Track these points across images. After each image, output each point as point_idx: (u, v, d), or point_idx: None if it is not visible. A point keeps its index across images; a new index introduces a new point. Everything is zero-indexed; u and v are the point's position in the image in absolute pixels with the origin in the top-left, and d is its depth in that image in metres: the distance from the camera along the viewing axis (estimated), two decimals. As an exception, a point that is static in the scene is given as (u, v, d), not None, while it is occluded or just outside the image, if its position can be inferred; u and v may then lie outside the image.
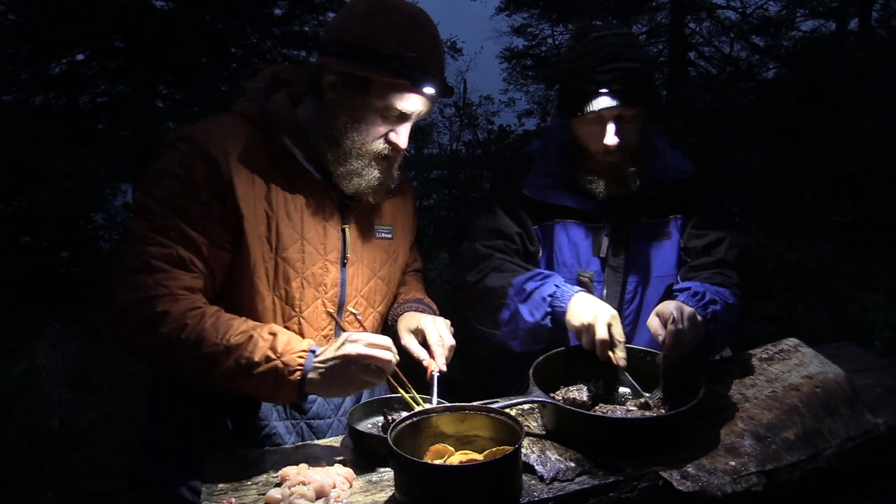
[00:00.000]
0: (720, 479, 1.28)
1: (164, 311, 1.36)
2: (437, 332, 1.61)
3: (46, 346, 4.79)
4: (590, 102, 1.71)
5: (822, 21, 11.11)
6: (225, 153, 1.46)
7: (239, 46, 10.98)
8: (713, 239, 1.87)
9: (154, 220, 1.43)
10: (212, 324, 1.37)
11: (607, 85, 1.69)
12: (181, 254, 1.42)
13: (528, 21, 12.85)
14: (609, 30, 1.77)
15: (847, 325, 4.57)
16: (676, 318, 1.51)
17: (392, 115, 1.50)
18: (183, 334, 1.35)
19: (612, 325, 1.56)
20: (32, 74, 9.79)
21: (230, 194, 1.45)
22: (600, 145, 1.76)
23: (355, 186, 1.54)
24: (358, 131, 1.51)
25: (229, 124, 1.53)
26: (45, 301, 5.66)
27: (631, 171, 1.81)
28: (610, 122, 1.73)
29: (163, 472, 1.63)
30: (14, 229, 6.18)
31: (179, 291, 1.40)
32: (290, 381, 1.35)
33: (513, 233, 1.89)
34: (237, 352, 1.35)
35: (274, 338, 1.37)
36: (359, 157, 1.52)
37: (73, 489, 3.37)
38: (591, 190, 1.82)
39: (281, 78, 1.64)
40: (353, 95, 1.49)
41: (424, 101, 1.52)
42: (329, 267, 1.59)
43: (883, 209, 6.10)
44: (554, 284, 1.71)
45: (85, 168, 6.56)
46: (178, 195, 1.43)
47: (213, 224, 1.44)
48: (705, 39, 11.51)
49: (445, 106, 9.42)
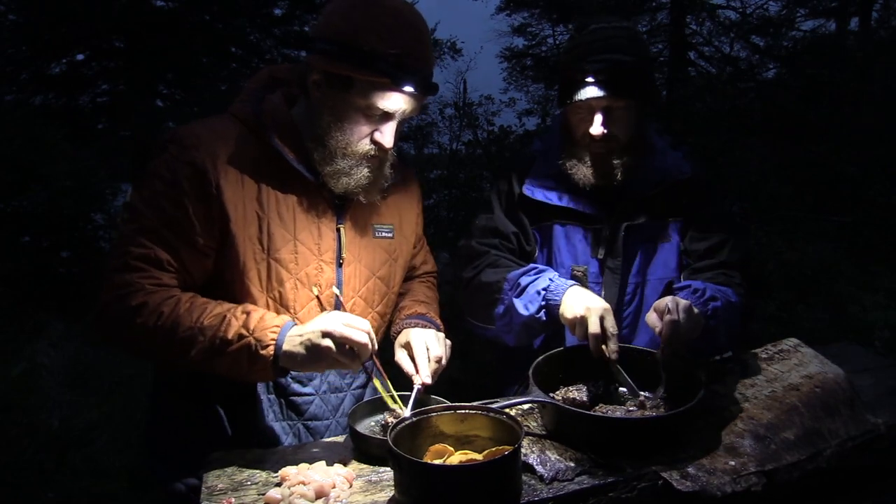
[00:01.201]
0: (720, 479, 1.28)
1: (141, 302, 1.39)
2: (422, 344, 1.60)
3: (46, 346, 4.79)
4: (578, 91, 1.72)
5: (822, 21, 11.13)
6: (213, 157, 1.46)
7: (239, 46, 10.98)
8: (716, 241, 1.87)
9: (140, 222, 1.46)
10: (186, 308, 1.40)
11: (595, 74, 1.70)
12: (159, 255, 1.44)
13: (528, 21, 12.87)
14: (608, 23, 1.78)
15: (847, 325, 4.57)
16: (672, 308, 1.52)
17: (375, 114, 1.48)
18: (160, 321, 1.38)
19: (605, 318, 1.56)
20: (32, 74, 9.79)
21: (216, 199, 1.45)
22: (587, 134, 1.77)
23: (344, 186, 1.53)
24: (342, 131, 1.49)
25: (221, 126, 1.53)
26: (45, 301, 5.66)
27: (616, 164, 1.80)
28: (598, 112, 1.74)
29: (163, 472, 1.63)
30: (14, 229, 6.18)
31: (152, 287, 1.43)
32: (264, 356, 1.35)
33: (509, 232, 1.90)
34: (211, 332, 1.37)
35: (247, 316, 1.39)
36: (345, 157, 1.51)
37: (73, 489, 3.38)
38: (573, 175, 1.82)
39: (279, 78, 1.63)
40: (336, 94, 1.47)
41: (408, 99, 1.48)
42: (323, 267, 1.58)
43: (883, 209, 6.10)
44: (548, 278, 1.71)
45: (85, 168, 6.56)
46: (162, 198, 1.45)
47: (195, 229, 1.45)
48: (705, 39, 11.51)
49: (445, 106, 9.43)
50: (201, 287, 1.52)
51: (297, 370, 1.44)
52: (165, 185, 1.45)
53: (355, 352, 1.36)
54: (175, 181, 1.45)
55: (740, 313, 1.76)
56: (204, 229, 1.46)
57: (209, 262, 1.50)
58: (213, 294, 1.51)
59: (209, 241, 1.48)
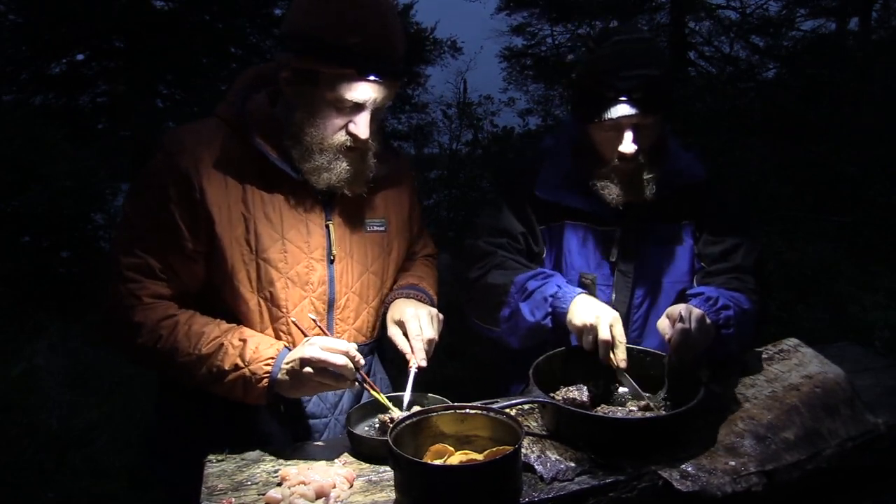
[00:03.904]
0: (720, 479, 1.28)
1: (139, 322, 1.43)
2: (417, 324, 1.59)
3: (46, 346, 4.80)
4: (608, 109, 1.65)
5: (822, 21, 11.12)
6: (196, 161, 1.47)
7: (239, 46, 10.97)
8: (730, 245, 1.83)
9: (130, 231, 1.49)
10: (184, 333, 1.43)
11: (627, 93, 1.63)
12: (150, 263, 1.47)
13: (527, 20, 12.87)
14: (630, 33, 1.72)
15: (847, 325, 4.57)
16: (685, 317, 1.51)
17: (345, 106, 1.46)
18: (158, 344, 1.43)
19: (614, 325, 1.55)
20: (32, 74, 9.79)
21: (201, 204, 1.46)
22: (616, 152, 1.71)
23: (325, 181, 1.52)
24: (315, 126, 1.48)
25: (206, 129, 1.54)
26: (45, 301, 5.66)
27: (647, 178, 1.75)
28: (628, 129, 1.68)
29: (163, 471, 1.63)
30: (14, 229, 6.18)
31: (148, 300, 1.47)
32: (259, 387, 1.41)
33: (517, 232, 1.87)
34: (208, 361, 1.42)
35: (243, 345, 1.42)
36: (322, 152, 1.49)
37: (73, 489, 3.38)
38: (604, 196, 1.77)
39: (264, 76, 1.61)
40: (305, 90, 1.47)
41: (378, 87, 1.46)
42: (314, 265, 1.57)
43: (883, 209, 6.10)
44: (556, 285, 1.69)
45: (85, 168, 6.56)
46: (149, 205, 1.48)
47: (182, 234, 1.47)
48: (705, 39, 11.52)
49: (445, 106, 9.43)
50: (196, 294, 1.53)
51: (288, 396, 1.47)
52: (151, 192, 1.48)
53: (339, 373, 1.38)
54: (160, 187, 1.46)
55: (753, 321, 1.73)
56: (191, 234, 1.47)
57: (199, 268, 1.51)
58: (208, 299, 1.53)
59: (197, 246, 1.48)
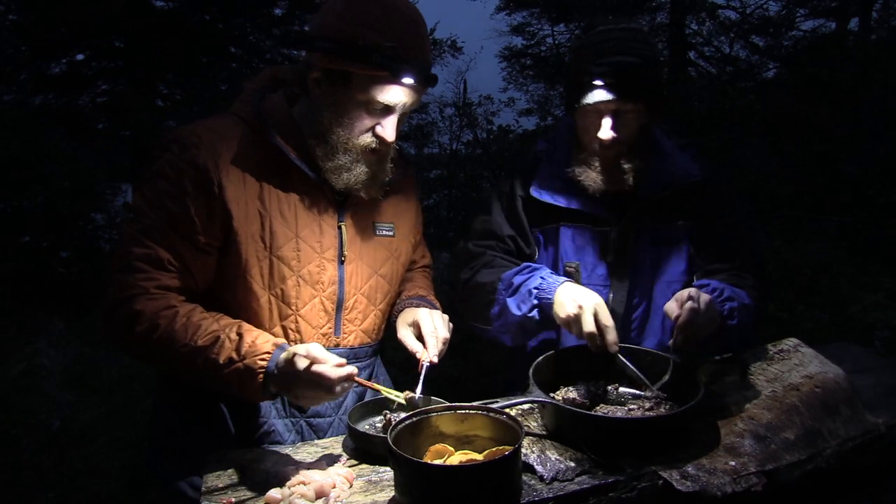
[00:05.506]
0: (720, 479, 1.28)
1: (139, 310, 1.41)
2: (431, 323, 1.61)
3: (46, 346, 4.80)
4: (586, 95, 1.70)
5: (822, 21, 11.13)
6: (215, 157, 1.47)
7: (239, 46, 10.97)
8: (726, 245, 1.84)
9: (142, 221, 1.47)
10: (182, 324, 1.41)
11: (602, 77, 1.67)
12: (160, 254, 1.45)
13: (527, 20, 12.87)
14: (616, 24, 1.75)
15: (847, 325, 4.58)
16: (694, 297, 1.51)
17: (376, 108, 1.49)
18: (155, 334, 1.40)
19: (598, 311, 1.55)
20: (32, 74, 9.77)
21: (218, 198, 1.46)
22: (595, 138, 1.74)
23: (344, 182, 1.54)
24: (343, 126, 1.50)
25: (222, 126, 1.54)
26: (45, 301, 5.66)
27: (626, 167, 1.77)
28: (607, 115, 1.71)
29: (164, 470, 1.63)
30: (14, 229, 6.18)
31: (155, 291, 1.44)
32: (254, 382, 1.37)
33: (505, 235, 1.88)
34: (204, 353, 1.39)
35: (240, 339, 1.40)
36: (346, 152, 1.52)
37: (72, 489, 3.38)
38: (582, 183, 1.79)
39: (280, 78, 1.65)
40: (336, 90, 1.48)
41: (408, 91, 1.49)
42: (325, 265, 1.58)
43: (883, 209, 6.11)
44: (540, 277, 1.70)
45: (84, 168, 6.56)
46: (164, 198, 1.46)
47: (196, 227, 1.46)
48: (705, 39, 11.52)
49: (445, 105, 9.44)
50: (204, 289, 1.53)
51: (285, 396, 1.46)
52: (168, 184, 1.46)
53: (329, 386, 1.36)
54: (177, 180, 1.46)
55: (753, 317, 1.74)
56: (205, 227, 1.47)
57: (210, 261, 1.51)
58: (217, 294, 1.52)
59: (210, 240, 1.48)
